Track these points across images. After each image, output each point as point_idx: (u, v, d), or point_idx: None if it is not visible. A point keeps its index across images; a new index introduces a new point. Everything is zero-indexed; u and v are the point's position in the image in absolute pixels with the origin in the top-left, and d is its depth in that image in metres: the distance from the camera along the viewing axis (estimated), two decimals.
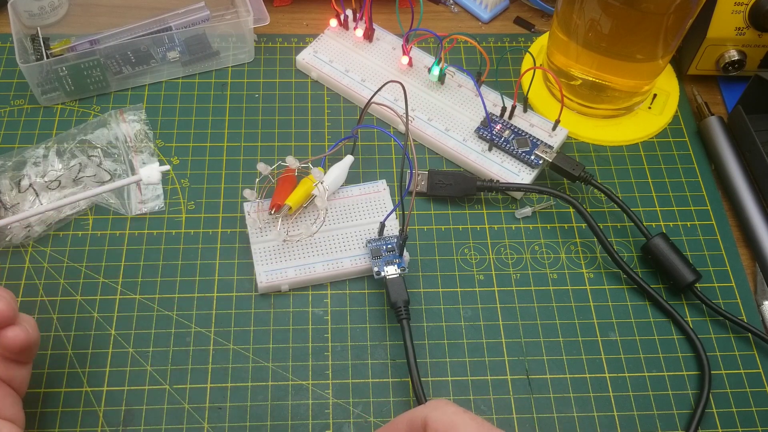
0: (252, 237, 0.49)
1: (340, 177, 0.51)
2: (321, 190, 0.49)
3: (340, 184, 0.52)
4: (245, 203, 0.50)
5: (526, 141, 0.54)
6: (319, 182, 0.49)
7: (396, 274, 0.47)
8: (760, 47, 0.57)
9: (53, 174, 0.52)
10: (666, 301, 0.49)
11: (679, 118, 0.59)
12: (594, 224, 0.49)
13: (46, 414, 0.44)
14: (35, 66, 0.54)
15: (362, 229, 0.50)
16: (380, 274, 0.47)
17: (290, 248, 0.49)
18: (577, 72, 0.55)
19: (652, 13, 0.49)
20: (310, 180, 0.49)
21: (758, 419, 0.45)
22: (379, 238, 0.49)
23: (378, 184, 0.52)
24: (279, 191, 0.49)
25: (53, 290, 0.48)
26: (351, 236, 0.50)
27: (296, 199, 0.49)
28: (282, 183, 0.50)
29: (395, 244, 0.49)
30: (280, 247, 0.49)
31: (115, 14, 0.60)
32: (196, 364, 0.46)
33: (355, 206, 0.51)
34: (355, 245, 0.49)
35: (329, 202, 0.51)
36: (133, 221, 0.51)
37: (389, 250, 0.48)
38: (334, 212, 0.51)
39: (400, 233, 0.47)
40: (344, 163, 0.52)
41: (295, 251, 0.49)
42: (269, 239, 0.49)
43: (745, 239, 0.53)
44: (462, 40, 0.59)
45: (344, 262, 0.49)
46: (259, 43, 0.61)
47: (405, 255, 0.48)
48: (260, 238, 0.49)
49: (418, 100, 0.57)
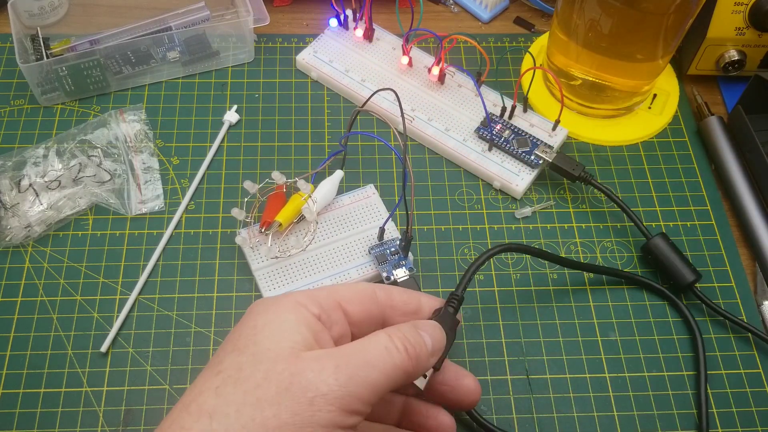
0: (252, 264, 0.48)
1: (330, 192, 0.51)
2: (310, 203, 0.48)
3: (331, 199, 0.51)
4: (237, 236, 0.49)
5: (526, 141, 0.54)
6: (308, 195, 0.48)
7: (406, 275, 0.47)
8: (760, 47, 0.57)
9: (53, 174, 0.52)
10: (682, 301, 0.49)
11: (679, 118, 0.59)
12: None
13: (46, 414, 0.44)
14: (35, 66, 0.54)
15: (361, 237, 0.50)
16: (390, 278, 0.47)
17: (294, 268, 0.48)
18: (577, 72, 0.55)
19: (652, 13, 0.49)
20: (299, 196, 0.49)
21: (758, 419, 0.45)
22: (381, 243, 0.49)
23: (366, 190, 0.52)
24: (269, 209, 0.49)
25: (53, 290, 0.48)
26: (352, 246, 0.49)
27: (286, 215, 0.48)
28: (271, 200, 0.49)
29: (398, 246, 0.49)
30: (283, 269, 0.48)
31: (115, 14, 0.60)
32: (196, 364, 0.46)
33: (348, 215, 0.51)
34: (358, 254, 0.49)
35: (321, 215, 0.50)
36: (133, 221, 0.51)
37: (393, 253, 0.48)
38: (330, 224, 0.50)
39: (405, 234, 0.47)
40: (334, 179, 0.51)
41: (299, 270, 0.48)
42: (270, 263, 0.48)
43: (745, 239, 0.53)
44: (462, 40, 0.59)
45: (351, 273, 0.48)
46: (259, 43, 0.61)
47: (409, 256, 0.48)
48: (261, 264, 0.48)
49: (418, 100, 0.57)
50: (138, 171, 0.53)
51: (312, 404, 0.30)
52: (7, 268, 0.49)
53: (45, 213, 0.50)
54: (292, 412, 0.30)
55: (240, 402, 0.31)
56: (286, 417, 0.30)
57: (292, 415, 0.30)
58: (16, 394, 0.44)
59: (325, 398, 0.31)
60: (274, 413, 0.30)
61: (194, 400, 0.32)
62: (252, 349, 0.33)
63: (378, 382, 0.32)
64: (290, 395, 0.31)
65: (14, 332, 0.46)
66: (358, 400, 0.31)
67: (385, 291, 0.38)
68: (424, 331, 0.36)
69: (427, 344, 0.35)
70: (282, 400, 0.30)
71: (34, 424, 0.43)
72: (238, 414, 0.30)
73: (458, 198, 0.54)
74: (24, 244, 0.50)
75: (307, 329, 0.33)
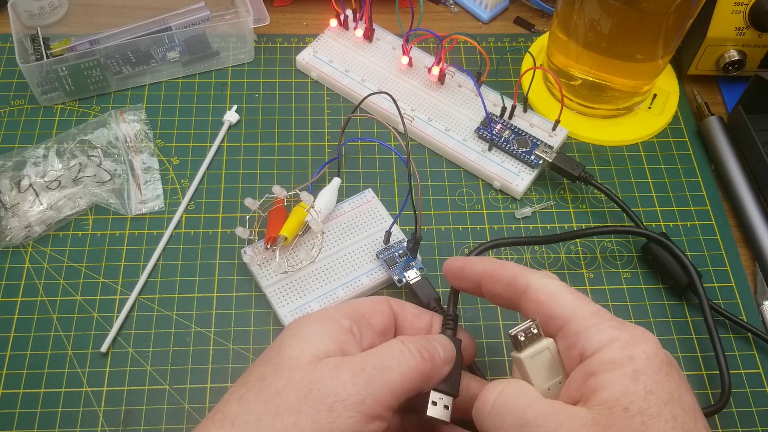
0: (262, 281, 0.47)
1: (331, 200, 0.50)
2: (314, 214, 0.48)
3: (332, 206, 0.50)
4: (243, 254, 0.48)
5: (526, 141, 0.54)
6: (311, 206, 0.48)
7: (418, 276, 0.47)
8: (760, 47, 0.57)
9: (53, 174, 0.52)
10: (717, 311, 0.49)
11: (679, 118, 0.59)
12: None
13: (46, 414, 0.44)
14: (35, 66, 0.54)
15: (366, 243, 0.50)
16: (402, 281, 0.47)
17: (304, 281, 0.48)
18: (577, 72, 0.55)
19: (652, 13, 0.49)
20: (301, 207, 0.48)
21: (758, 419, 0.45)
22: (388, 247, 0.49)
23: (365, 195, 0.52)
24: (271, 224, 0.48)
25: (53, 290, 0.48)
26: (358, 252, 0.49)
27: (290, 228, 0.48)
28: (273, 215, 0.49)
29: (406, 247, 0.48)
30: (294, 283, 0.48)
31: (115, 14, 0.60)
32: (196, 364, 0.46)
33: (351, 222, 0.51)
34: (367, 260, 0.49)
35: (324, 225, 0.50)
36: (133, 221, 0.51)
37: (402, 255, 0.48)
38: (334, 233, 0.50)
39: (414, 234, 0.47)
40: (332, 186, 0.51)
41: (310, 282, 0.48)
42: (279, 279, 0.48)
43: (745, 239, 0.53)
44: (462, 40, 0.59)
45: (362, 279, 0.48)
46: (259, 43, 0.61)
47: (417, 256, 0.48)
48: (271, 280, 0.47)
49: (418, 100, 0.57)
50: (138, 171, 0.53)
51: (332, 410, 0.31)
52: (7, 268, 0.49)
53: (45, 213, 0.50)
54: (312, 419, 0.31)
55: (261, 410, 0.31)
56: (306, 424, 0.31)
57: (312, 423, 0.31)
58: (16, 394, 0.44)
59: (345, 404, 0.31)
60: (294, 421, 0.31)
61: (220, 409, 0.33)
62: (275, 359, 0.33)
63: (396, 384, 0.33)
64: (310, 402, 0.31)
65: (14, 332, 0.46)
66: (377, 403, 0.32)
67: (398, 304, 0.39)
68: (435, 341, 0.36)
69: (440, 351, 0.36)
70: (302, 407, 0.31)
71: (34, 424, 0.43)
72: (258, 422, 0.31)
73: (458, 198, 0.54)
74: (24, 244, 0.50)
75: (333, 340, 0.34)
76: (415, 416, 0.38)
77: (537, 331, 0.34)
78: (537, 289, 0.35)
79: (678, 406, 0.30)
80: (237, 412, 0.32)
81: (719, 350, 0.45)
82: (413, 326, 0.39)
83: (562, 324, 0.34)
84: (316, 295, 0.47)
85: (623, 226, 0.51)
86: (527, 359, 0.34)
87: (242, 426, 0.31)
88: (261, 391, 0.32)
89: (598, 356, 0.31)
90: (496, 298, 0.37)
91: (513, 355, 0.35)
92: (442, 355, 0.36)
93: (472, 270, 0.38)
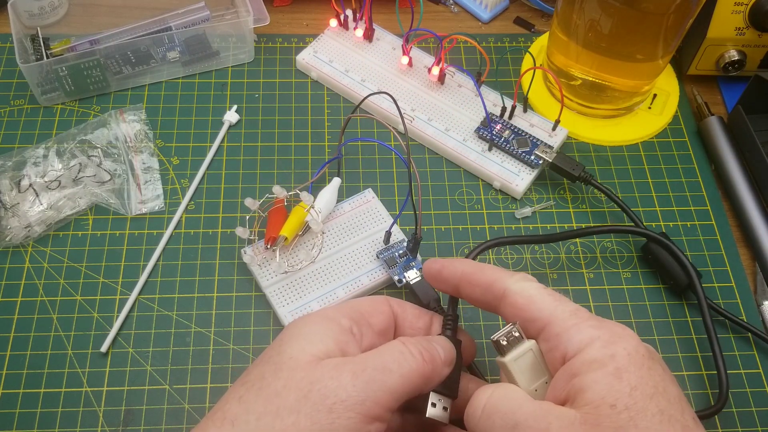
0: (262, 281, 0.47)
1: (331, 200, 0.50)
2: (314, 214, 0.48)
3: (332, 207, 0.50)
4: (243, 254, 0.48)
5: (526, 141, 0.54)
6: (311, 207, 0.48)
7: (418, 276, 0.47)
8: (760, 47, 0.57)
9: (53, 174, 0.52)
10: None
11: (679, 118, 0.59)
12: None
13: (46, 414, 0.44)
14: (35, 66, 0.54)
15: (366, 243, 0.50)
16: (402, 281, 0.47)
17: (304, 281, 0.48)
18: (577, 72, 0.55)
19: (652, 13, 0.49)
20: (301, 207, 0.48)
21: (758, 419, 0.45)
22: (387, 247, 0.49)
23: (365, 195, 0.52)
24: (271, 224, 0.48)
25: (53, 290, 0.48)
26: (358, 252, 0.49)
27: (290, 228, 0.48)
28: (273, 215, 0.49)
29: (406, 247, 0.48)
30: (294, 283, 0.48)
31: (115, 14, 0.60)
32: (196, 364, 0.46)
33: (351, 222, 0.50)
34: (366, 260, 0.49)
35: (324, 225, 0.50)
36: (133, 221, 0.51)
37: (402, 256, 0.48)
38: (334, 233, 0.50)
39: (414, 234, 0.47)
40: (332, 186, 0.51)
41: (310, 282, 0.48)
42: (280, 279, 0.48)
43: (745, 239, 0.53)
44: (462, 40, 0.59)
45: (362, 279, 0.48)
46: (259, 43, 0.61)
47: (417, 256, 0.48)
48: (271, 280, 0.47)
49: (418, 100, 0.57)
50: (138, 171, 0.53)
51: (331, 411, 0.31)
52: (7, 268, 0.49)
53: (45, 213, 0.50)
54: (311, 420, 0.31)
55: (261, 410, 0.31)
56: (306, 424, 0.31)
57: (312, 423, 0.31)
58: (16, 394, 0.44)
59: (344, 404, 0.31)
60: (294, 421, 0.31)
61: (220, 408, 0.33)
62: (275, 359, 0.33)
63: (396, 385, 0.33)
64: (309, 403, 0.31)
65: (14, 332, 0.46)
66: (377, 404, 0.32)
67: (398, 304, 0.39)
68: (435, 343, 0.36)
69: (440, 353, 0.36)
70: (301, 407, 0.31)
71: (34, 424, 0.43)
72: (258, 422, 0.31)
73: (458, 198, 0.54)
74: (24, 244, 0.50)
75: (332, 340, 0.34)
76: (415, 416, 0.38)
77: (518, 334, 0.34)
78: (515, 293, 0.35)
79: (663, 399, 0.30)
80: (237, 412, 0.32)
81: (717, 351, 0.45)
82: (413, 326, 0.39)
83: (542, 326, 0.34)
84: (316, 295, 0.47)
85: (623, 226, 0.51)
86: (511, 363, 0.34)
87: (242, 425, 0.31)
88: (261, 390, 0.32)
89: (580, 357, 0.32)
90: (476, 302, 0.37)
91: (497, 360, 0.35)
92: (442, 357, 0.36)
93: (450, 274, 0.38)
